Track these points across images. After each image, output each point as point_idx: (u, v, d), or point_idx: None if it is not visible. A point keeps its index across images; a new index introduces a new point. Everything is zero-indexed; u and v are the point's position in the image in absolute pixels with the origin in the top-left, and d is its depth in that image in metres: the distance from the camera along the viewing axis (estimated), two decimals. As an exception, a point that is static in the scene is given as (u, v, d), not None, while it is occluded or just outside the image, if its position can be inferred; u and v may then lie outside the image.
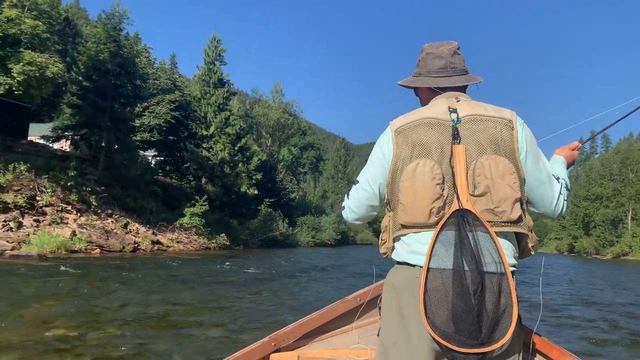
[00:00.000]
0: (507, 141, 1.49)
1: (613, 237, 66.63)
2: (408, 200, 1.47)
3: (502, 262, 1.36)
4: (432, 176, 1.44)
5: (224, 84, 40.68)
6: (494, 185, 1.42)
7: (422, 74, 1.68)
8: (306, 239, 52.95)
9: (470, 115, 1.52)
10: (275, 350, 2.34)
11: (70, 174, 22.43)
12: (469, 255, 1.34)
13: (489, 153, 1.46)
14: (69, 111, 28.46)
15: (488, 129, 1.49)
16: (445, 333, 1.32)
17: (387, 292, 1.55)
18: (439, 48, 1.66)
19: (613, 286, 17.50)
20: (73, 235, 19.70)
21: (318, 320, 2.51)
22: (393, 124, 1.58)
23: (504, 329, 1.32)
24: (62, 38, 37.78)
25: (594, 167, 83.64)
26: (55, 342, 5.50)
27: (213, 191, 35.96)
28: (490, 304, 1.32)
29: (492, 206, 1.43)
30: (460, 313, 1.31)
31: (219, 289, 11.10)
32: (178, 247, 26.40)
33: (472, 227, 1.38)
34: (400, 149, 1.52)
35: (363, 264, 23.04)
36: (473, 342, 1.31)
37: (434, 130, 1.50)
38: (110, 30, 27.08)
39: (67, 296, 8.74)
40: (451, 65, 1.64)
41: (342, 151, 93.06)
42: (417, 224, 1.46)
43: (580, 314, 9.76)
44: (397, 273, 1.53)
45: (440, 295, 1.35)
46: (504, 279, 1.34)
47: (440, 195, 1.44)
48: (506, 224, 1.44)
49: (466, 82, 1.64)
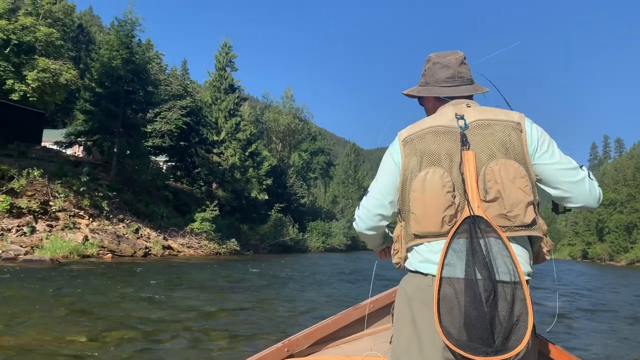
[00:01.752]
0: (516, 144, 1.47)
1: (627, 243, 65.67)
2: (419, 210, 1.46)
3: (517, 269, 1.34)
4: (442, 184, 1.43)
5: (235, 89, 40.93)
6: (505, 190, 1.41)
7: (430, 83, 1.68)
8: (316, 244, 52.93)
9: (478, 120, 1.51)
10: (288, 357, 2.33)
11: (82, 180, 22.66)
12: (481, 263, 1.33)
13: (499, 157, 1.45)
14: (82, 117, 28.82)
15: (496, 133, 1.48)
16: (459, 341, 1.32)
17: (400, 301, 1.55)
18: (445, 58, 1.66)
19: (628, 293, 17.24)
20: (85, 240, 19.88)
21: (331, 326, 2.49)
22: (401, 134, 1.59)
23: (519, 338, 1.30)
24: (76, 45, 38.34)
25: (607, 172, 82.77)
26: (67, 346, 5.54)
27: (224, 196, 36.10)
28: (503, 312, 1.31)
29: (504, 211, 1.41)
30: (473, 321, 1.30)
31: (230, 294, 11.11)
32: (189, 252, 26.51)
33: (484, 234, 1.37)
34: (409, 158, 1.52)
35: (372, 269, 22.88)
36: (488, 350, 1.30)
37: (442, 138, 1.50)
38: (123, 37, 27.39)
39: (79, 301, 8.81)
40: (459, 75, 1.64)
41: (352, 156, 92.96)
42: (430, 233, 1.45)
43: (594, 322, 9.62)
44: (410, 281, 1.52)
45: (452, 304, 1.34)
46: (518, 287, 1.33)
47: (451, 203, 1.42)
48: (520, 228, 1.43)
49: (473, 91, 1.65)
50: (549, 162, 1.51)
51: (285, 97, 62.84)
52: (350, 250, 61.32)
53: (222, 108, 38.91)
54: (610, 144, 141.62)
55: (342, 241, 60.23)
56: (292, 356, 2.34)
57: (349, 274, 19.58)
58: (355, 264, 27.89)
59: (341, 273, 19.67)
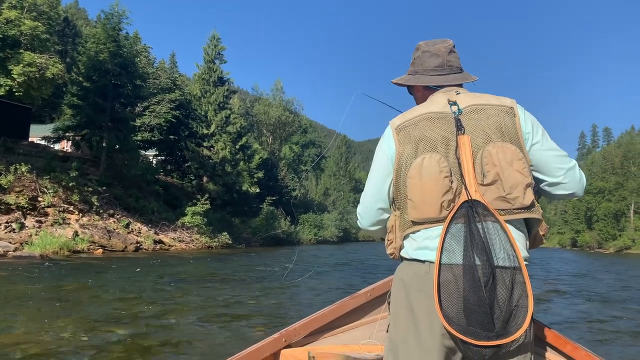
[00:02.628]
0: (510, 128, 1.48)
1: (615, 231, 66.55)
2: (417, 196, 1.44)
3: (516, 253, 1.35)
4: (440, 169, 1.42)
5: (224, 82, 40.68)
6: (503, 172, 1.41)
7: (419, 72, 1.67)
8: (308, 236, 53.05)
9: (471, 105, 1.51)
10: (285, 346, 2.33)
11: (71, 175, 22.47)
12: (479, 248, 1.34)
13: (495, 141, 1.45)
14: (70, 112, 28.52)
15: (491, 117, 1.49)
16: (460, 326, 1.32)
17: (396, 289, 1.54)
18: (435, 46, 1.65)
19: (617, 280, 17.48)
20: (75, 236, 19.75)
21: (328, 315, 2.50)
22: (393, 122, 1.57)
23: (520, 322, 1.32)
24: (62, 39, 37.84)
25: (595, 160, 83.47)
26: (58, 342, 5.52)
27: (214, 190, 35.99)
28: (502, 297, 1.31)
29: (504, 193, 1.41)
30: (472, 306, 1.30)
31: (224, 286, 11.12)
32: (180, 247, 26.46)
33: (482, 218, 1.37)
34: (403, 146, 1.50)
35: (366, 260, 23.05)
36: (489, 335, 1.30)
37: (436, 124, 1.49)
38: (110, 30, 27.08)
39: (70, 296, 8.77)
40: (448, 63, 1.63)
41: (343, 148, 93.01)
42: (428, 219, 1.44)
43: (584, 307, 9.76)
44: (406, 269, 1.51)
45: (451, 289, 1.34)
46: (517, 272, 1.34)
47: (449, 188, 1.42)
48: (519, 211, 1.43)
49: (462, 80, 1.64)
50: (544, 148, 1.51)
51: (275, 89, 62.64)
52: (342, 242, 61.54)
53: (211, 101, 38.68)
54: (598, 133, 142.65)
55: (334, 233, 60.44)
56: (290, 346, 2.35)
57: (341, 264, 19.65)
58: (347, 256, 27.98)
59: (334, 264, 19.74)
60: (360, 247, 44.94)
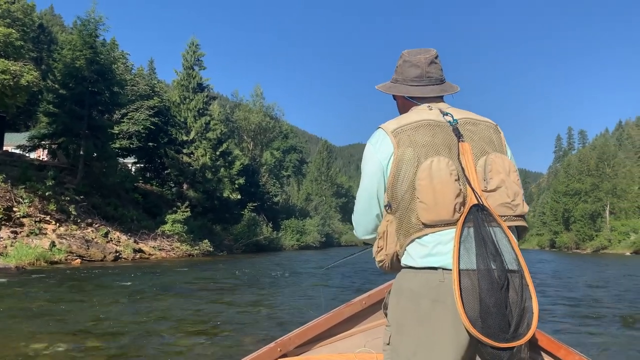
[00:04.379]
0: (498, 143, 1.55)
1: (592, 232, 67.89)
2: (429, 198, 1.42)
3: (518, 257, 1.38)
4: (449, 172, 1.43)
5: (204, 88, 40.40)
6: (506, 180, 1.46)
7: (399, 80, 1.68)
8: (291, 242, 52.87)
9: (464, 118, 1.56)
10: (281, 356, 2.32)
11: (48, 184, 22.00)
12: (492, 252, 1.35)
13: (493, 151, 1.51)
14: (46, 120, 27.97)
15: (483, 131, 1.55)
16: (482, 329, 1.31)
17: (402, 299, 1.47)
18: (416, 56, 1.66)
19: (596, 280, 17.80)
20: (52, 246, 19.32)
21: (323, 324, 2.49)
22: (387, 126, 1.56)
23: (529, 324, 1.33)
24: (37, 45, 37.16)
25: (572, 162, 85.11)
26: (35, 357, 5.37)
27: (195, 197, 35.64)
28: (514, 299, 1.33)
29: (508, 200, 1.45)
30: (490, 308, 1.31)
31: (208, 295, 10.98)
32: (160, 255, 26.09)
33: (489, 223, 1.39)
34: (402, 149, 1.48)
35: (349, 265, 23.06)
36: (506, 336, 1.31)
37: (436, 130, 1.51)
38: (86, 37, 26.67)
39: (47, 309, 8.55)
40: (427, 75, 1.63)
41: (324, 153, 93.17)
42: (442, 221, 1.42)
43: (568, 307, 9.90)
44: (414, 278, 1.45)
45: (469, 295, 1.33)
46: (523, 275, 1.36)
47: (460, 191, 1.42)
48: (517, 218, 1.48)
49: (440, 92, 1.64)
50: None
51: (255, 95, 62.45)
52: (324, 247, 61.51)
53: (191, 107, 38.36)
54: (574, 135, 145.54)
55: (316, 238, 60.39)
56: (285, 355, 2.33)
57: (326, 271, 19.61)
58: (330, 261, 27.94)
59: (318, 269, 19.69)
60: (345, 252, 44.95)
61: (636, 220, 64.23)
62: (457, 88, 1.67)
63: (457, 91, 1.66)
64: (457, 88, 1.67)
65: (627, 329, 8.00)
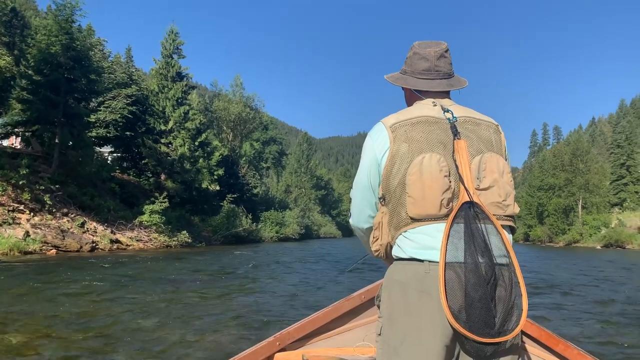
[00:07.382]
0: (497, 144, 1.57)
1: (565, 226, 69.39)
2: (417, 192, 1.45)
3: (509, 254, 1.40)
4: (439, 168, 1.45)
5: (183, 77, 39.83)
6: (499, 180, 1.48)
7: (407, 72, 1.69)
8: (270, 234, 52.76)
9: (464, 116, 1.57)
10: (280, 350, 2.32)
11: (21, 172, 21.47)
12: (480, 247, 1.36)
13: (489, 151, 1.52)
14: (19, 106, 27.14)
15: (482, 130, 1.56)
16: (465, 323, 1.33)
17: (392, 290, 1.50)
18: (426, 49, 1.66)
19: (575, 272, 18.25)
20: (26, 236, 18.92)
21: (322, 318, 2.50)
22: (387, 121, 1.58)
23: (517, 320, 1.35)
24: (9, 30, 35.94)
25: (547, 158, 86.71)
26: (5, 351, 5.27)
27: (173, 188, 35.23)
28: (502, 295, 1.35)
29: (499, 199, 1.47)
30: (475, 302, 1.33)
31: (189, 287, 10.90)
32: (138, 246, 25.79)
33: (480, 220, 1.41)
34: (398, 144, 1.51)
35: (328, 256, 23.16)
36: (490, 331, 1.33)
37: (433, 127, 1.52)
38: (62, 22, 25.93)
39: (20, 301, 8.39)
40: (435, 69, 1.64)
41: (304, 145, 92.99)
42: (429, 215, 1.45)
43: (550, 299, 10.13)
44: (402, 270, 1.49)
45: (455, 287, 1.35)
46: (513, 271, 1.38)
47: (449, 187, 1.45)
48: (508, 219, 1.50)
49: (447, 87, 1.65)
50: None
51: (235, 85, 61.80)
52: (303, 239, 61.59)
53: (169, 96, 37.79)
54: (549, 131, 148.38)
55: (295, 230, 60.35)
56: (284, 349, 2.34)
57: (306, 262, 19.67)
58: (310, 253, 28.02)
59: (298, 261, 19.74)
60: (324, 244, 45.11)
61: (607, 215, 65.92)
62: (466, 82, 1.68)
63: (465, 86, 1.67)
64: (465, 82, 1.68)
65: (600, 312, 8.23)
